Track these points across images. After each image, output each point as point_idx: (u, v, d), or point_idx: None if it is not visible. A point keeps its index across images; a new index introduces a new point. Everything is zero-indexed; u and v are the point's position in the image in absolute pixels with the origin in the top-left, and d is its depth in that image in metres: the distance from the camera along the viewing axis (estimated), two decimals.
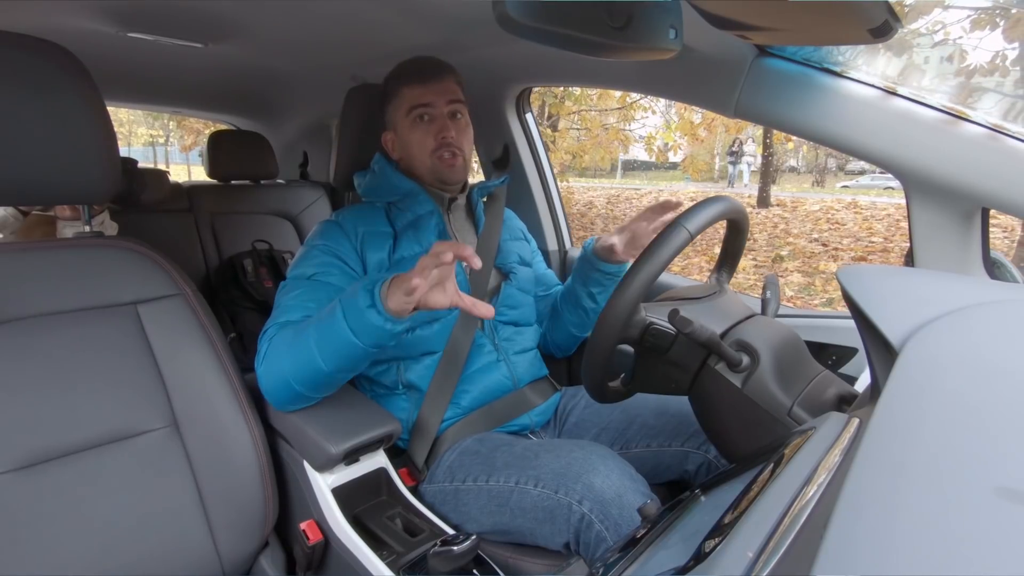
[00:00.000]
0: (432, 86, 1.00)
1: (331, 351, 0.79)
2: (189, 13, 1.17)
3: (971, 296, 0.47)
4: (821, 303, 4.11)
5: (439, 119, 1.00)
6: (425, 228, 1.02)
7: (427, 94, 1.00)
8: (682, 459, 0.97)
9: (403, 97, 1.01)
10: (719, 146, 16.81)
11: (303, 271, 0.94)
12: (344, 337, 0.77)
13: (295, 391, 0.84)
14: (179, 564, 0.79)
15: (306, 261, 0.96)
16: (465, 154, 1.03)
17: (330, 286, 0.92)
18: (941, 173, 0.79)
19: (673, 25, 0.64)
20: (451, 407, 0.99)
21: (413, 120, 1.01)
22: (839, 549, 0.24)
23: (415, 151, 1.02)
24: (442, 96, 1.00)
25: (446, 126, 1.00)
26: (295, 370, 0.82)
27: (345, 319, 0.76)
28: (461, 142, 1.02)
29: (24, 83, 0.72)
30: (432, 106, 1.00)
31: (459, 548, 0.68)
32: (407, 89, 1.01)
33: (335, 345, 0.78)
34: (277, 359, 0.84)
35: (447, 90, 1.01)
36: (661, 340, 0.77)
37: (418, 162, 1.02)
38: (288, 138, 2.34)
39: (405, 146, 1.03)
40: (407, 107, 1.00)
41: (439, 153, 1.00)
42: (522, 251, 1.17)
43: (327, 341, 0.79)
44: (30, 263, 0.78)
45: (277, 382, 0.85)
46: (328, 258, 0.95)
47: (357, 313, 0.75)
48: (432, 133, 1.00)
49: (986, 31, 3.12)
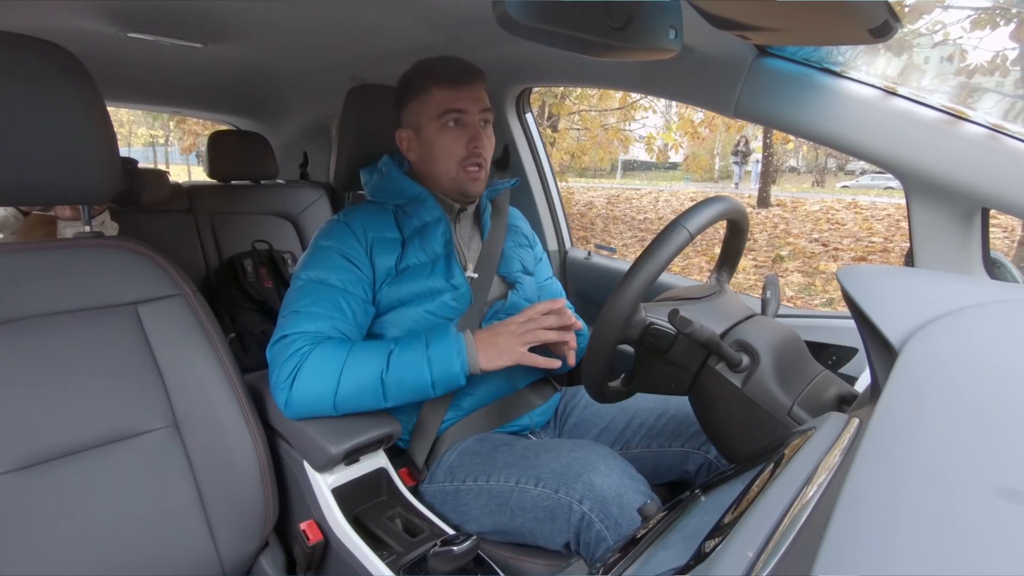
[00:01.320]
0: (466, 91, 0.95)
1: (401, 395, 0.87)
2: (189, 13, 1.17)
3: (971, 296, 0.47)
4: (821, 303, 4.11)
5: (472, 127, 0.96)
6: (431, 236, 0.99)
7: (462, 99, 0.95)
8: (683, 459, 0.97)
9: (433, 97, 0.95)
10: (719, 146, 16.80)
11: (319, 275, 0.92)
12: (423, 389, 0.86)
13: (330, 412, 0.86)
14: (179, 564, 0.79)
15: (321, 264, 0.93)
16: (488, 167, 1.00)
17: (348, 293, 0.91)
18: (941, 173, 0.79)
19: (673, 25, 0.64)
20: (451, 409, 0.99)
21: (443, 125, 0.95)
22: (839, 549, 0.24)
23: (440, 157, 0.97)
24: (476, 103, 0.96)
25: (479, 135, 0.96)
26: (345, 399, 0.85)
27: (432, 384, 0.86)
28: (488, 153, 0.98)
29: (24, 83, 0.72)
30: (467, 112, 0.95)
31: (459, 548, 0.67)
32: (440, 90, 0.95)
33: (408, 392, 0.87)
34: (320, 381, 0.84)
35: (480, 97, 0.97)
36: (661, 340, 0.77)
37: (441, 169, 0.98)
38: (288, 138, 2.34)
39: (428, 149, 0.98)
40: (438, 110, 0.95)
41: (467, 164, 0.96)
42: (525, 259, 1.12)
43: (404, 387, 0.86)
44: (30, 263, 0.78)
45: (314, 403, 0.85)
46: (341, 261, 0.93)
47: (450, 381, 0.86)
48: (463, 141, 0.95)
49: (986, 31, 3.12)
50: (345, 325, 0.90)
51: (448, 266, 0.98)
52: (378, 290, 0.96)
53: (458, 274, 0.98)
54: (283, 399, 0.85)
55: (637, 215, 8.45)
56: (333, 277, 0.92)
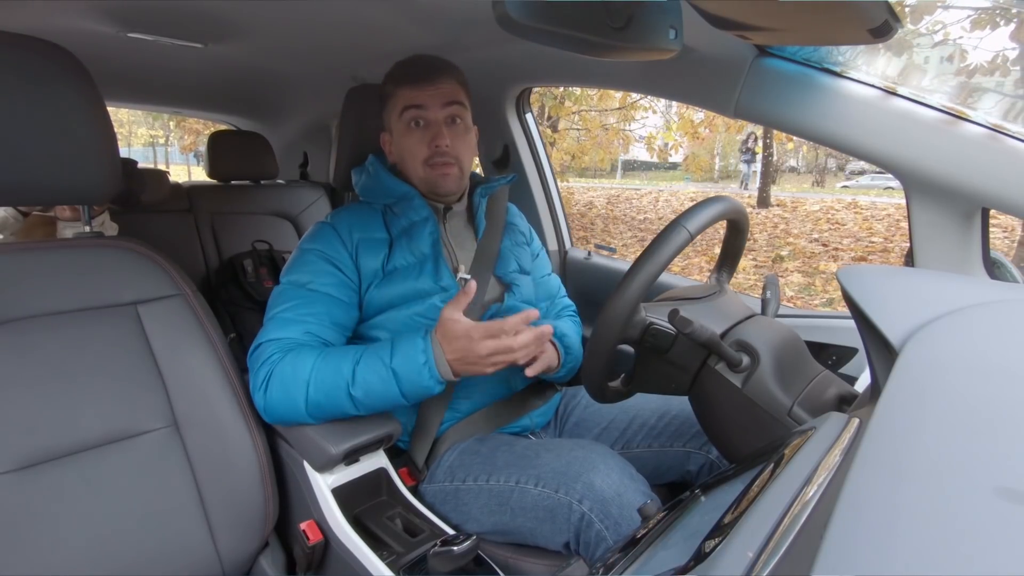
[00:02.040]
0: (426, 88, 0.93)
1: (373, 405, 0.85)
2: (189, 13, 1.17)
3: (971, 296, 0.47)
4: (821, 303, 4.11)
5: (433, 125, 0.94)
6: (418, 236, 0.97)
7: (420, 96, 0.93)
8: (684, 460, 0.97)
9: (397, 98, 0.95)
10: (719, 146, 16.77)
11: (297, 277, 0.91)
12: (393, 400, 0.84)
13: (307, 420, 0.85)
14: (179, 564, 0.79)
15: (300, 267, 0.92)
16: (462, 163, 0.97)
17: (327, 297, 0.90)
18: (941, 173, 0.79)
19: (673, 25, 0.64)
20: (450, 411, 0.98)
21: (406, 124, 0.95)
22: (839, 549, 0.24)
23: (407, 158, 0.97)
24: (437, 99, 0.94)
25: (440, 133, 0.93)
26: (316, 408, 0.83)
27: (403, 395, 0.83)
28: (458, 150, 0.96)
29: (24, 83, 0.72)
30: (425, 109, 0.93)
31: (459, 548, 0.67)
32: (400, 90, 0.95)
33: (379, 403, 0.84)
34: (288, 391, 0.82)
35: (444, 92, 0.94)
36: (661, 340, 0.77)
37: (410, 169, 0.98)
38: (288, 138, 2.34)
39: (399, 151, 0.98)
40: (400, 109, 0.95)
41: (431, 162, 0.95)
42: (522, 257, 1.09)
43: (373, 398, 0.83)
44: (30, 263, 0.78)
45: (287, 412, 0.84)
46: (323, 264, 0.92)
47: (421, 390, 0.83)
48: (425, 141, 0.94)
49: (986, 31, 3.12)
50: (321, 329, 0.89)
51: (436, 267, 0.96)
52: (365, 292, 0.94)
53: (447, 276, 0.96)
54: (261, 405, 0.86)
55: (637, 215, 8.45)
56: (314, 281, 0.91)
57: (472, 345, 0.80)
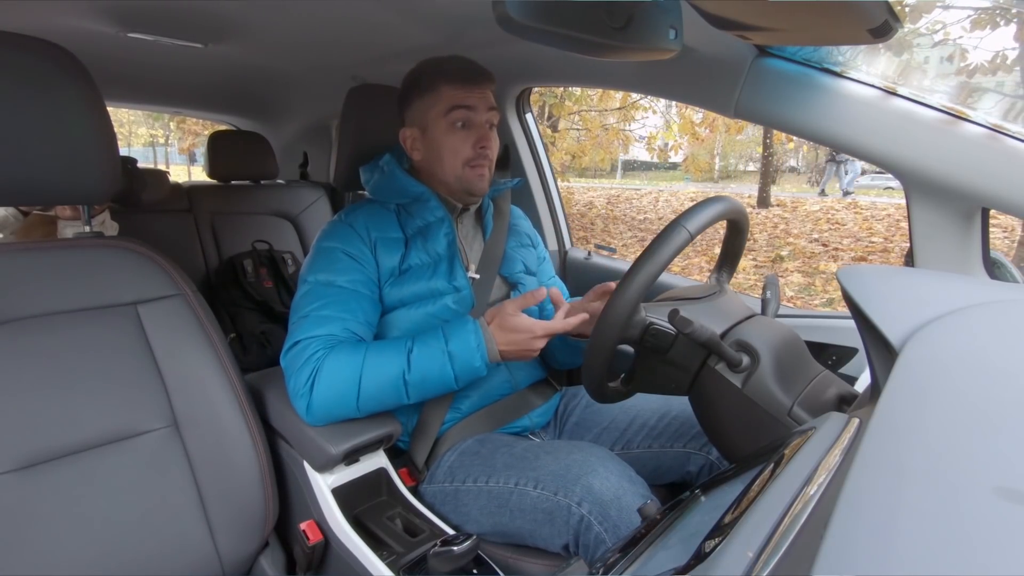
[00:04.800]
0: (475, 90, 0.94)
1: (424, 391, 0.88)
2: (189, 13, 1.17)
3: (971, 296, 0.47)
4: (821, 303, 4.11)
5: (479, 127, 0.95)
6: (434, 236, 0.98)
7: (470, 98, 0.93)
8: (684, 460, 0.97)
9: (442, 95, 0.93)
10: (719, 146, 16.77)
11: (326, 277, 0.91)
12: (446, 384, 0.87)
13: (354, 415, 0.87)
14: (179, 564, 0.79)
15: (327, 266, 0.92)
16: (492, 166, 1.00)
17: (357, 294, 0.91)
18: (941, 173, 0.79)
19: (673, 25, 0.64)
20: (451, 411, 0.98)
21: (451, 123, 0.94)
22: (839, 549, 0.24)
23: (447, 157, 0.96)
24: (484, 102, 0.95)
25: (487, 135, 0.95)
26: (368, 400, 0.85)
27: (455, 378, 0.86)
28: (494, 154, 0.99)
29: (24, 83, 0.72)
30: (474, 111, 0.94)
31: (459, 548, 0.67)
32: (450, 88, 0.93)
33: (431, 388, 0.87)
34: (338, 386, 0.83)
35: (487, 97, 0.95)
36: (661, 340, 0.77)
37: (447, 168, 0.96)
38: (288, 138, 2.34)
39: (434, 149, 0.96)
40: (446, 107, 0.93)
41: (474, 163, 0.95)
42: (527, 259, 1.11)
43: (428, 383, 0.86)
44: (30, 263, 0.78)
45: (336, 408, 0.85)
46: (348, 262, 0.92)
47: (471, 372, 0.87)
48: (470, 142, 0.94)
49: (986, 31, 3.12)
50: (356, 325, 0.89)
51: (451, 267, 0.98)
52: (381, 289, 0.95)
53: (460, 276, 0.98)
54: (303, 406, 0.84)
55: (637, 215, 8.45)
56: (341, 278, 0.91)
57: (532, 341, 0.87)
